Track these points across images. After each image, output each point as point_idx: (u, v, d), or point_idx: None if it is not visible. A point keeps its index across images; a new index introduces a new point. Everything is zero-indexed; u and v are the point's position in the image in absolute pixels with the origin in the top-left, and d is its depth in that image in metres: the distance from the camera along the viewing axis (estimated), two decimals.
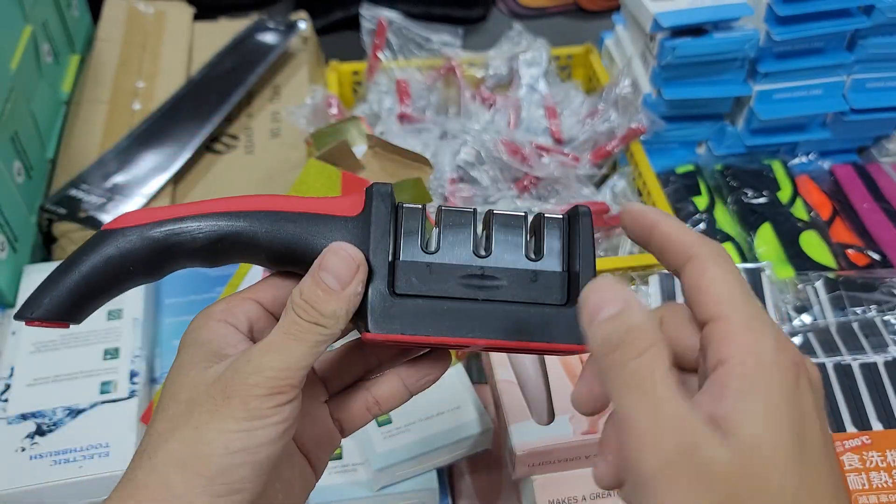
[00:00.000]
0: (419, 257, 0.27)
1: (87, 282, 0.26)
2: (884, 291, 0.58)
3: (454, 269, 0.27)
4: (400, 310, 0.26)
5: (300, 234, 0.27)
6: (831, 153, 0.76)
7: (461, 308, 0.26)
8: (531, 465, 0.47)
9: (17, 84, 0.60)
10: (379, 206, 0.27)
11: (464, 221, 0.27)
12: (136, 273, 0.27)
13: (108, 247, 0.26)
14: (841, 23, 0.66)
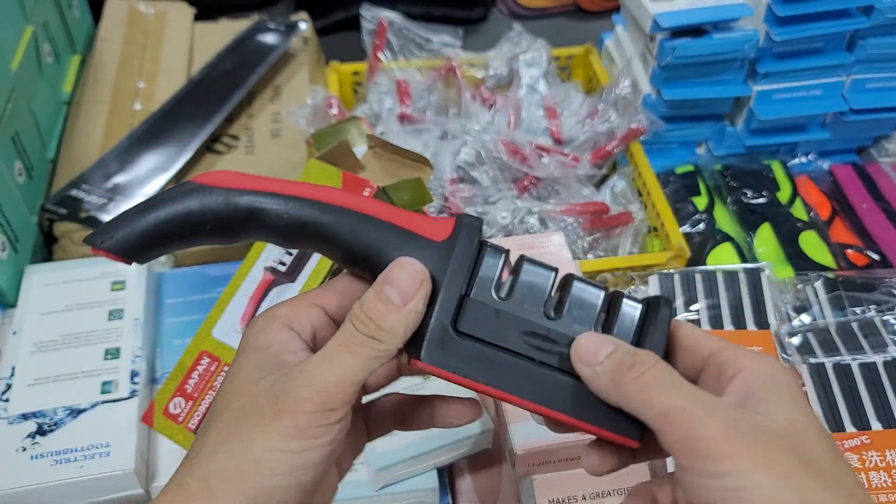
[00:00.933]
0: (490, 301, 0.26)
1: (161, 228, 0.26)
2: (883, 291, 0.58)
3: (520, 323, 0.26)
4: (457, 348, 0.26)
5: (381, 243, 0.26)
6: (831, 153, 0.76)
7: (517, 365, 0.26)
8: (531, 465, 0.47)
9: (18, 84, 0.61)
10: (465, 238, 0.26)
11: (541, 277, 0.27)
12: (210, 232, 0.26)
13: (191, 200, 0.26)
14: (840, 23, 0.66)
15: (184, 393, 0.42)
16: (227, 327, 0.44)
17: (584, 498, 0.47)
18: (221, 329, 0.44)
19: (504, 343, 0.26)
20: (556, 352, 0.26)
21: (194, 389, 0.42)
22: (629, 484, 0.48)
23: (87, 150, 0.67)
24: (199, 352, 0.43)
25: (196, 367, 0.43)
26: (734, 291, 0.57)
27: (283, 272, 0.45)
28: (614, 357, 0.24)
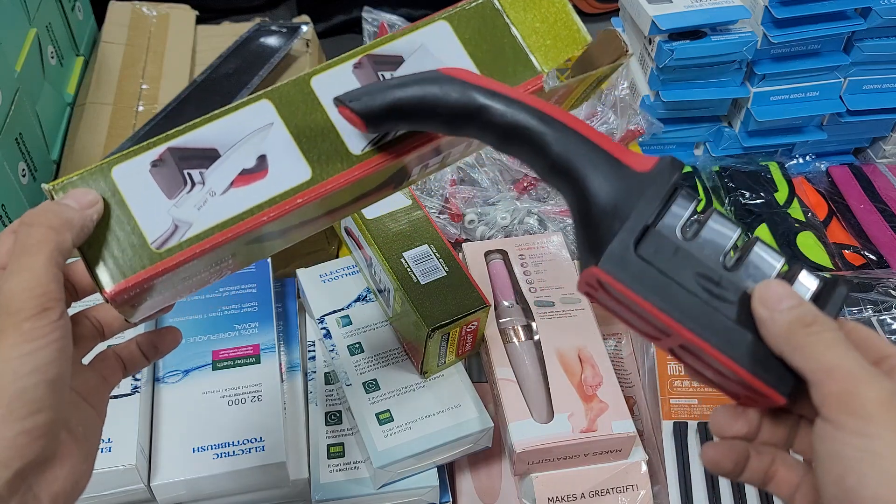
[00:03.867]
0: (672, 237, 0.27)
1: (402, 104, 0.29)
2: (880, 291, 0.59)
3: (696, 264, 0.27)
4: (633, 267, 0.26)
5: (586, 162, 0.27)
6: (828, 154, 0.76)
7: (685, 298, 0.26)
8: (531, 463, 0.47)
9: (22, 86, 0.61)
10: (664, 175, 0.27)
11: (727, 230, 0.27)
12: (440, 119, 0.29)
13: (433, 86, 0.29)
14: (837, 25, 0.67)
15: None
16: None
17: (584, 496, 0.48)
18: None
19: (678, 277, 0.27)
20: (725, 298, 0.26)
21: None
22: (628, 482, 0.48)
23: (91, 151, 0.67)
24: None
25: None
26: None
27: None
28: (796, 310, 0.25)
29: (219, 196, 0.29)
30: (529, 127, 0.28)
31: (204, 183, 0.29)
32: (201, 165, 0.29)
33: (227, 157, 0.30)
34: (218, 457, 0.46)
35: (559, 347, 0.51)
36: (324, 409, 0.51)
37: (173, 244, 0.28)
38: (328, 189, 0.30)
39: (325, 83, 0.31)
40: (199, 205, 0.29)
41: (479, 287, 0.49)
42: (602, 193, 0.27)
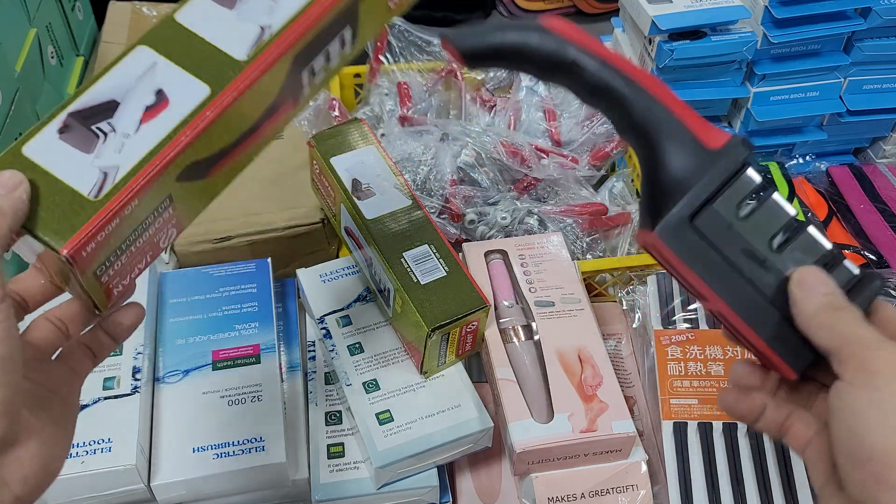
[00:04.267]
0: (728, 215, 0.29)
1: (501, 48, 0.31)
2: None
3: (745, 242, 0.29)
4: (686, 237, 0.29)
5: (663, 130, 0.30)
6: (828, 154, 0.76)
7: (728, 273, 0.29)
8: (531, 463, 0.47)
9: (22, 86, 0.61)
10: (732, 155, 0.29)
11: (779, 215, 0.29)
12: (534, 66, 0.31)
13: (532, 36, 0.31)
14: (837, 25, 0.67)
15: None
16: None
17: (584, 496, 0.48)
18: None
19: (725, 251, 0.29)
20: (765, 277, 0.29)
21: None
22: (628, 482, 0.48)
23: None
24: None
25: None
26: None
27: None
28: (829, 296, 0.27)
29: (133, 136, 0.30)
30: (615, 87, 0.30)
31: (115, 130, 0.30)
32: (106, 117, 0.30)
33: (127, 102, 0.31)
34: (218, 457, 0.46)
35: (559, 347, 0.51)
36: (324, 409, 0.51)
37: (108, 188, 0.29)
38: (231, 98, 0.31)
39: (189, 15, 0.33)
40: (118, 149, 0.30)
41: (479, 287, 0.49)
42: (672, 163, 0.29)
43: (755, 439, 0.50)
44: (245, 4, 0.33)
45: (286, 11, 0.33)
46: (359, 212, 0.53)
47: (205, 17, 0.33)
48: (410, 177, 0.64)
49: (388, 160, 0.56)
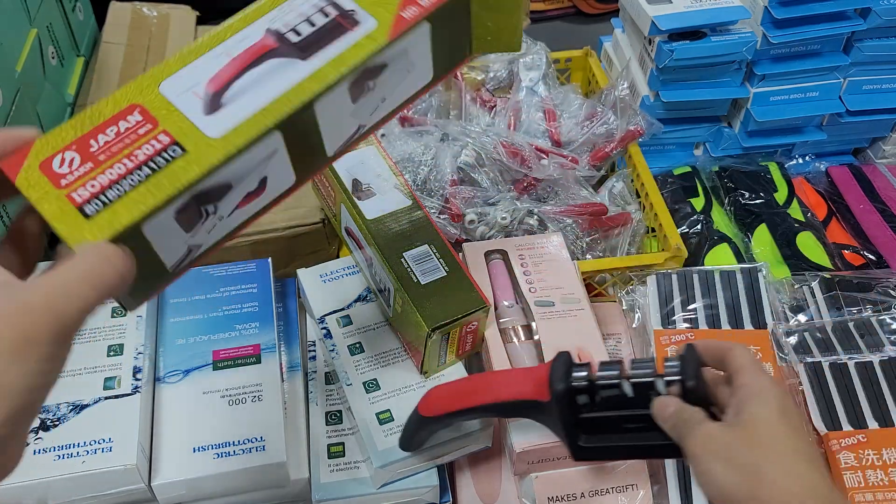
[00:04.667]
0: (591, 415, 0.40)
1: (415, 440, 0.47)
2: (879, 291, 0.59)
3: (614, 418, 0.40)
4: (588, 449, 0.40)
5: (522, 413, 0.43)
6: (827, 155, 0.76)
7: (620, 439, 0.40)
8: (530, 463, 0.47)
9: (23, 86, 0.61)
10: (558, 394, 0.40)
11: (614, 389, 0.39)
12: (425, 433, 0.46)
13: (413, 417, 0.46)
14: (837, 26, 0.67)
15: (85, 149, 0.31)
16: (184, 85, 0.33)
17: (584, 495, 0.48)
18: (175, 85, 0.33)
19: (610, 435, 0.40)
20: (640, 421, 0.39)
21: (102, 150, 0.31)
22: (628, 482, 0.48)
23: None
24: (128, 103, 0.32)
25: (118, 120, 0.31)
26: (731, 291, 0.58)
27: (295, 43, 0.34)
28: (678, 413, 0.36)
29: (225, 219, 0.33)
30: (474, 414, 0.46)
31: (216, 212, 0.32)
32: (216, 199, 0.32)
33: (237, 186, 0.32)
34: (218, 457, 0.46)
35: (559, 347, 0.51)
36: (324, 408, 0.51)
37: (185, 264, 0.33)
38: (303, 184, 0.36)
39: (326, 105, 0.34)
40: (209, 229, 0.33)
41: (479, 287, 0.49)
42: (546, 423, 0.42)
43: None
44: (364, 101, 0.35)
45: (382, 112, 0.37)
46: (359, 212, 0.53)
47: (335, 111, 0.34)
48: (410, 177, 0.64)
49: (388, 160, 0.56)
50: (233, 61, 0.33)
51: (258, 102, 0.32)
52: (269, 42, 0.34)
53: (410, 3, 0.35)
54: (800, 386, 0.53)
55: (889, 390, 0.52)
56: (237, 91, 0.33)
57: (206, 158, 0.31)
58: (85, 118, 0.32)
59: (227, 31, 0.35)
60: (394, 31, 0.34)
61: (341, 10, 0.35)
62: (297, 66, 0.33)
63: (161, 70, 0.34)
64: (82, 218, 0.29)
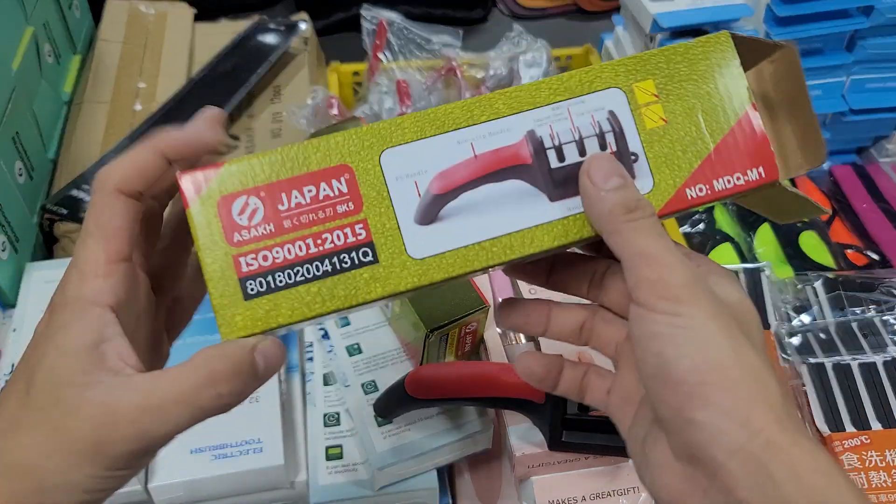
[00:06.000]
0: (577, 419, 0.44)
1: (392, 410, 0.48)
2: (883, 291, 0.58)
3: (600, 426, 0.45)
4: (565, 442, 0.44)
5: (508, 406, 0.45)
6: (830, 154, 0.76)
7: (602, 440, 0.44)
8: (530, 466, 0.47)
9: (19, 84, 0.61)
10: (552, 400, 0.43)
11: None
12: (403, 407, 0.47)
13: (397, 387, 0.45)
14: (840, 23, 0.66)
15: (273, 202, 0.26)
16: (408, 167, 0.27)
17: (584, 499, 0.47)
18: (399, 162, 0.27)
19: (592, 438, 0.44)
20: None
21: (291, 214, 0.26)
22: (629, 484, 0.48)
23: (88, 150, 0.67)
24: (340, 160, 0.27)
25: (321, 180, 0.26)
26: None
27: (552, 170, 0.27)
28: (621, 192, 0.26)
29: None
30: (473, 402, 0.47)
31: None
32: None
33: None
34: (216, 458, 0.45)
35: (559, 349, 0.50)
36: (322, 410, 0.51)
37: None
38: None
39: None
40: None
41: (479, 287, 0.49)
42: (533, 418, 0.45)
43: None
44: None
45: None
46: None
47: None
48: None
49: None
50: (474, 160, 0.27)
51: (479, 233, 0.27)
52: (523, 153, 0.27)
53: (703, 179, 0.28)
54: (803, 387, 0.53)
55: (893, 391, 0.51)
56: (462, 205, 0.27)
57: (394, 281, 0.26)
58: (287, 156, 0.26)
59: (486, 110, 0.28)
60: (667, 207, 0.28)
61: (622, 149, 0.28)
62: (541, 204, 0.27)
63: (391, 131, 0.27)
64: (240, 295, 0.25)
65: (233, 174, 0.26)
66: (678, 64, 0.29)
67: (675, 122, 0.28)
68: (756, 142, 0.28)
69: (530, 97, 0.28)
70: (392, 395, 0.45)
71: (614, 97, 0.28)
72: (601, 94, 0.28)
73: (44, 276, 0.56)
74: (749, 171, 0.28)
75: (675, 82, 0.28)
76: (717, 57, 0.29)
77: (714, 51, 0.29)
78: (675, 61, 0.29)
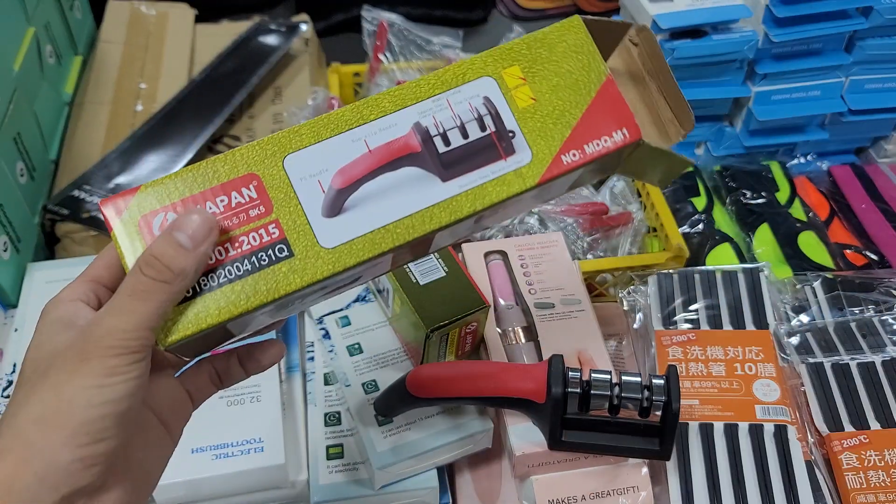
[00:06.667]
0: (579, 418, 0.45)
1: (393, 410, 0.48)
2: (881, 291, 0.58)
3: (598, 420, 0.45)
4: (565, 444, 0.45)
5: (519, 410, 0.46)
6: (829, 154, 0.76)
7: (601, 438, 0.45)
8: (530, 466, 0.47)
9: (20, 85, 0.61)
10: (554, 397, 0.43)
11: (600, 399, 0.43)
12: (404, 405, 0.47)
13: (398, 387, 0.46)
14: (839, 24, 0.66)
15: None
16: (310, 168, 0.29)
17: (584, 498, 0.47)
18: (301, 164, 0.29)
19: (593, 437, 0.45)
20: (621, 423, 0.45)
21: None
22: (629, 484, 0.48)
23: (89, 150, 0.67)
24: (247, 170, 0.29)
25: (232, 189, 0.29)
26: (733, 292, 0.57)
27: (441, 154, 0.30)
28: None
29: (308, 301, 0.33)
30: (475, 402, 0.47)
31: (303, 302, 0.32)
32: (307, 296, 0.31)
33: (330, 288, 0.32)
34: (217, 458, 0.45)
35: (560, 349, 0.50)
36: (323, 409, 0.51)
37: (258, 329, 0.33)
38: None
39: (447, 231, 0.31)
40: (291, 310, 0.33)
41: (479, 287, 0.49)
42: (537, 422, 0.45)
43: (756, 440, 0.49)
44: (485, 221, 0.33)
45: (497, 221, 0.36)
46: None
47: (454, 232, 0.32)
48: None
49: None
50: (369, 155, 0.30)
51: (382, 218, 0.29)
52: (412, 142, 0.30)
53: (574, 145, 0.31)
54: (802, 387, 0.53)
55: (891, 391, 0.52)
56: (364, 196, 0.29)
57: (311, 271, 0.28)
58: (198, 173, 0.29)
59: (374, 109, 0.30)
60: (547, 173, 0.31)
61: (500, 129, 0.31)
62: (434, 185, 0.30)
63: (290, 139, 0.30)
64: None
65: (149, 195, 0.28)
66: (539, 49, 0.32)
67: (542, 100, 0.32)
68: (616, 107, 0.32)
69: (412, 93, 0.31)
70: (393, 395, 0.46)
71: (487, 84, 0.32)
72: (475, 83, 0.32)
73: (45, 276, 0.56)
74: (615, 133, 0.32)
75: (538, 65, 0.32)
76: (571, 39, 0.32)
77: (568, 34, 0.33)
78: (536, 47, 0.32)
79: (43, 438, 0.25)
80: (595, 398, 0.43)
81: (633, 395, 0.42)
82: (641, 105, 0.35)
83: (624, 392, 0.42)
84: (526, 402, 0.44)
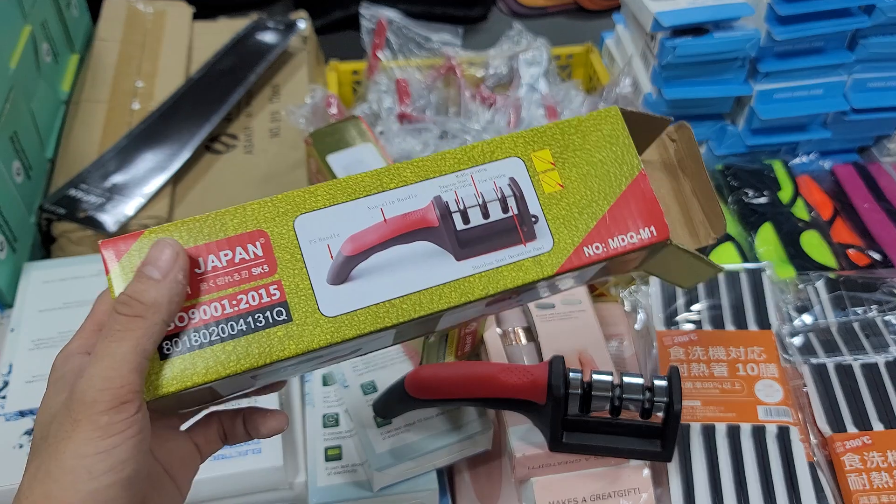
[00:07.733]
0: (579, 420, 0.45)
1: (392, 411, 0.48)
2: (885, 291, 0.58)
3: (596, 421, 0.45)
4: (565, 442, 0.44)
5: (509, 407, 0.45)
6: (832, 153, 0.76)
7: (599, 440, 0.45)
8: (531, 467, 0.47)
9: (17, 83, 0.60)
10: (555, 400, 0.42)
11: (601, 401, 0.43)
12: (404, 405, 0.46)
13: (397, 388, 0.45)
14: (842, 22, 0.66)
15: (192, 265, 0.27)
16: (321, 231, 0.29)
17: (585, 500, 0.47)
18: (312, 226, 0.29)
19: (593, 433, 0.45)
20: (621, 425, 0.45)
21: (208, 277, 0.27)
22: (630, 486, 0.47)
23: (86, 149, 0.67)
24: (256, 226, 0.28)
25: (237, 245, 0.28)
26: (735, 291, 0.57)
27: (458, 232, 0.29)
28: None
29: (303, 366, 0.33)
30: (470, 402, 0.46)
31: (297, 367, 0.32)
32: (301, 363, 0.30)
33: (326, 358, 0.31)
34: (215, 459, 0.45)
35: (560, 350, 0.50)
36: (321, 411, 0.50)
37: (245, 391, 0.33)
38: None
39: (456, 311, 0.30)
40: (283, 374, 0.33)
41: None
42: (537, 423, 0.45)
43: (758, 441, 0.49)
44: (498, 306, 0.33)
45: (508, 307, 0.35)
46: None
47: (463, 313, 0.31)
48: None
49: (386, 158, 0.56)
50: (383, 224, 0.29)
51: (389, 292, 0.28)
52: (430, 216, 0.29)
53: (599, 238, 0.30)
54: (804, 387, 0.53)
55: (894, 392, 0.51)
56: (373, 266, 0.28)
57: (307, 338, 0.27)
58: (205, 224, 0.28)
59: (395, 178, 0.29)
60: (567, 264, 0.30)
61: (523, 212, 0.30)
62: (448, 263, 0.29)
63: (305, 198, 0.29)
64: (156, 355, 0.26)
65: (151, 242, 0.27)
66: (572, 135, 0.31)
67: (570, 187, 0.30)
68: (646, 203, 0.31)
69: (436, 166, 0.30)
70: (391, 396, 0.45)
71: (514, 165, 0.30)
72: (502, 162, 0.30)
73: (41, 275, 0.55)
74: (641, 230, 0.30)
75: (569, 151, 0.31)
76: (607, 128, 0.31)
77: (604, 123, 0.32)
78: (569, 133, 0.31)
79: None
80: (596, 399, 0.42)
81: (635, 397, 0.42)
82: (673, 202, 0.34)
83: (625, 393, 0.42)
84: (526, 403, 0.43)
